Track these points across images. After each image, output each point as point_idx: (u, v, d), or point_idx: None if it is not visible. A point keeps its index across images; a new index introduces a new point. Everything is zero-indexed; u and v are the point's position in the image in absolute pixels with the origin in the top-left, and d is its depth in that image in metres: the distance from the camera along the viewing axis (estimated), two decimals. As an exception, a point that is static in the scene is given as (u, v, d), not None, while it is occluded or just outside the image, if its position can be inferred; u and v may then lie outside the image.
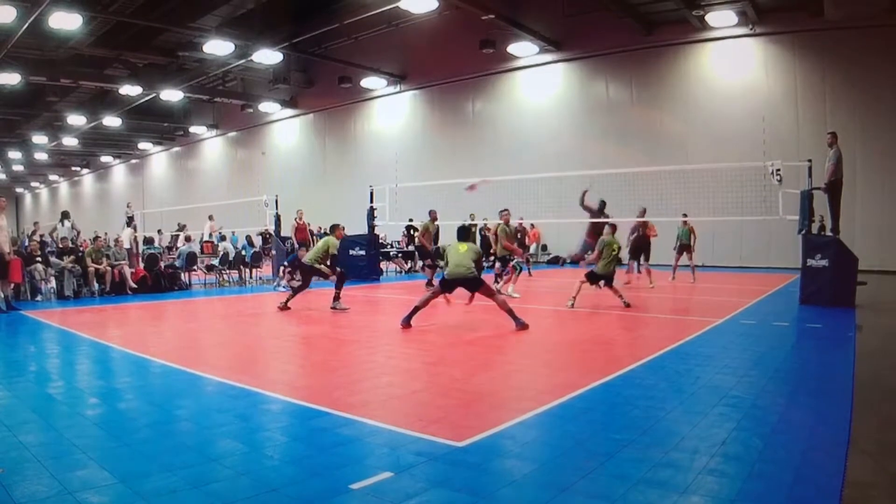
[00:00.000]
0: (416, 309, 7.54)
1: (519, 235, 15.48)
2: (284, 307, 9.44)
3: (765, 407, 4.18)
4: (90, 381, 5.28)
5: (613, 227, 10.06)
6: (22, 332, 7.99)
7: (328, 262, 9.67)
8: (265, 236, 17.49)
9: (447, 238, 20.94)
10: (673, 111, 19.80)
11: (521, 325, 7.30)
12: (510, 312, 7.35)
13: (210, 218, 20.45)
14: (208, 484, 2.89)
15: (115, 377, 5.44)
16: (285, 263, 13.40)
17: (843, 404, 4.12)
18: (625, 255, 12.35)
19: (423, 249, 12.78)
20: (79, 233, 14.33)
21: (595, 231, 12.16)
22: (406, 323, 7.46)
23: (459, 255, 7.64)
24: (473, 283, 7.66)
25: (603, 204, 12.74)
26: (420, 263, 19.48)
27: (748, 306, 9.63)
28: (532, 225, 22.40)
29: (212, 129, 35.65)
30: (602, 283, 9.62)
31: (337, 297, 9.47)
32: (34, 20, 16.04)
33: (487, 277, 8.52)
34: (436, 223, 14.24)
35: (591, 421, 3.89)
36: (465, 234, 8.14)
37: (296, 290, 9.94)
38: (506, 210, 11.38)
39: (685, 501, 2.69)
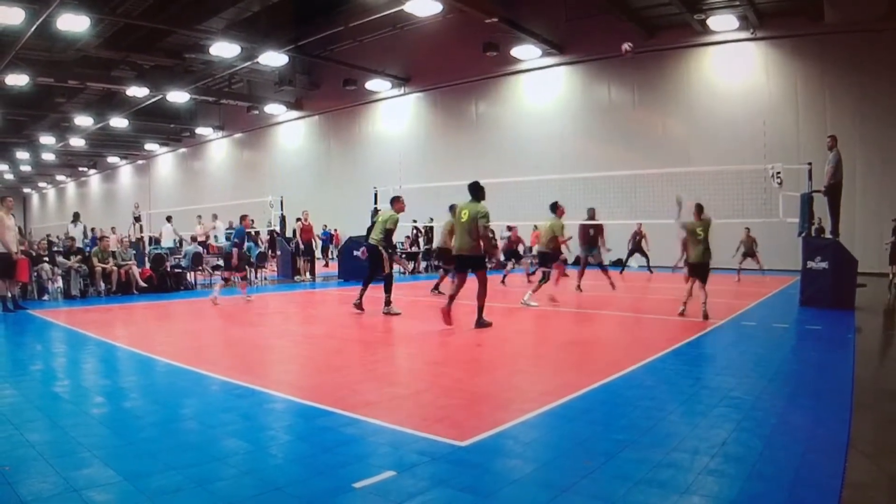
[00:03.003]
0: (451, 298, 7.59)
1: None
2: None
3: (765, 408, 4.20)
4: (96, 380, 5.33)
5: (699, 208, 8.45)
6: (28, 332, 8.04)
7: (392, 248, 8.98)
8: (272, 235, 17.58)
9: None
10: (674, 114, 19.83)
11: (482, 325, 7.41)
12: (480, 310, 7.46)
13: (214, 217, 19.54)
14: (213, 482, 2.92)
15: (121, 376, 5.48)
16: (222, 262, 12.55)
17: (843, 406, 4.14)
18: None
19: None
20: (92, 230, 14.29)
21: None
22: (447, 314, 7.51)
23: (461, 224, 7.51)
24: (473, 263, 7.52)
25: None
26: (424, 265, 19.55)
27: (748, 308, 9.64)
28: (535, 227, 22.41)
29: (218, 131, 35.81)
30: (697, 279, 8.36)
31: (388, 301, 8.80)
32: (42, 22, 16.16)
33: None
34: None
35: (592, 421, 3.91)
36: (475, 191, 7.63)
37: (365, 283, 9.21)
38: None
39: (685, 502, 2.71)
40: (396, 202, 9.14)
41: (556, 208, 10.15)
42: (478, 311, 7.51)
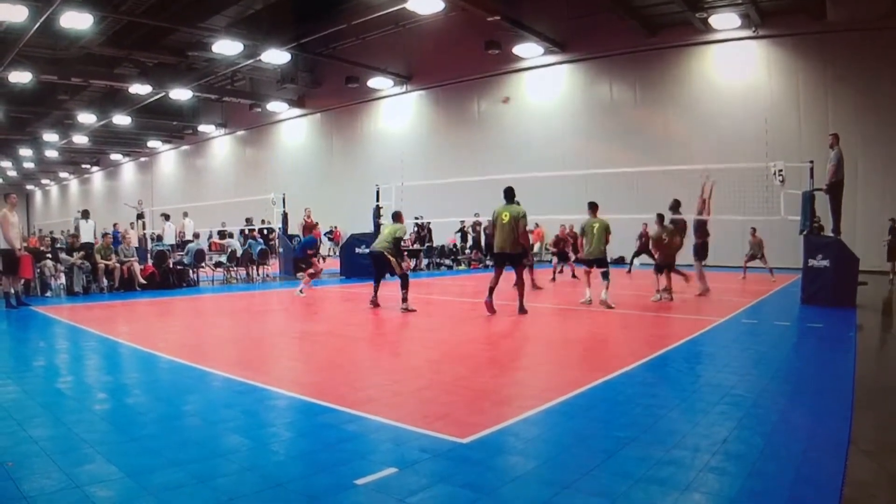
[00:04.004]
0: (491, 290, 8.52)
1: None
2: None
3: (766, 406, 4.20)
4: (98, 377, 5.35)
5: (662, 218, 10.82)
6: (31, 328, 8.07)
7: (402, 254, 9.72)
8: (266, 232, 17.63)
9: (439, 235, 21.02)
10: (676, 112, 19.81)
11: (523, 311, 8.40)
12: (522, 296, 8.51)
13: (184, 215, 19.03)
14: (214, 479, 2.93)
15: (123, 373, 5.49)
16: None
17: (844, 404, 4.14)
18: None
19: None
20: (115, 226, 14.44)
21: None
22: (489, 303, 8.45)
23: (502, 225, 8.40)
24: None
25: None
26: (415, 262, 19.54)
27: (750, 306, 9.65)
28: (537, 224, 22.44)
29: (220, 128, 35.86)
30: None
31: (405, 298, 9.04)
32: (46, 19, 16.18)
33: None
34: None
35: (594, 418, 3.92)
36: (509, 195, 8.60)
37: (377, 282, 9.62)
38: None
39: (686, 499, 2.72)
40: (398, 218, 9.80)
41: (595, 207, 9.74)
42: (519, 299, 8.52)
